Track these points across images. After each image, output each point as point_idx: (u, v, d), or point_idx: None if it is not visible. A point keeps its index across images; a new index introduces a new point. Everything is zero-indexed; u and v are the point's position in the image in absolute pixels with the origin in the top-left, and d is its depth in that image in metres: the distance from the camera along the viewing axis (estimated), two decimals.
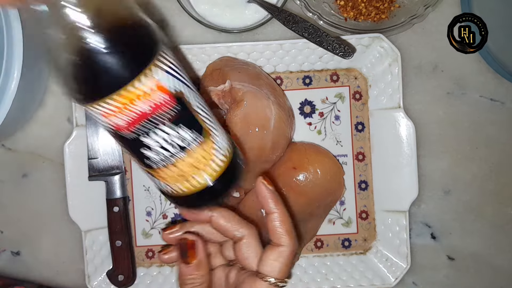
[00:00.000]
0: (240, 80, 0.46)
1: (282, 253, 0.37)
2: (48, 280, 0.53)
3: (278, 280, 0.36)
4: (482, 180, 0.54)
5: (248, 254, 0.38)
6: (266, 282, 0.36)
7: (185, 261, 0.38)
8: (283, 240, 0.37)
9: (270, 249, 0.37)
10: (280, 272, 0.36)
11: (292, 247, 0.37)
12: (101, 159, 0.50)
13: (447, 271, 0.54)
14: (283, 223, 0.38)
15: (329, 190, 0.50)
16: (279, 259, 0.37)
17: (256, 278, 0.36)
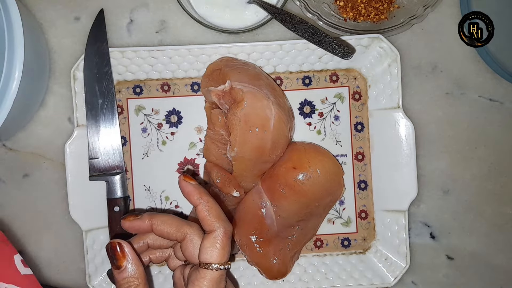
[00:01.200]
0: (240, 80, 0.46)
1: (216, 237, 0.38)
2: (49, 279, 0.53)
3: (220, 264, 0.38)
4: (481, 180, 0.54)
5: (193, 251, 0.40)
6: (208, 269, 0.37)
7: (116, 266, 0.39)
8: (214, 225, 0.39)
9: (205, 238, 0.39)
10: (218, 256, 0.38)
11: (223, 229, 0.39)
12: (102, 159, 0.51)
13: (446, 271, 0.54)
14: (210, 210, 0.39)
15: (329, 190, 0.50)
16: (215, 244, 0.38)
17: (199, 269, 0.38)
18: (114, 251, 0.39)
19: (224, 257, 0.38)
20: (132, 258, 0.39)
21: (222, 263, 0.38)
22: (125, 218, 0.42)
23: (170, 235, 0.40)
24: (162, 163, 0.52)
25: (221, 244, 0.38)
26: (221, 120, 0.48)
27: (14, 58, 0.44)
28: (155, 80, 0.52)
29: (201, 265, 0.38)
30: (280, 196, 0.48)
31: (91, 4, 0.52)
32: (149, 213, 0.42)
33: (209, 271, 0.37)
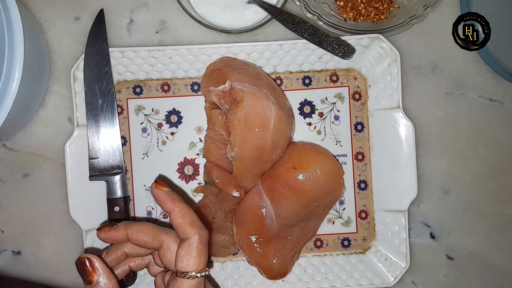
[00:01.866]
0: (240, 80, 0.46)
1: (191, 245, 0.37)
2: (48, 279, 0.53)
3: (197, 272, 0.37)
4: (481, 180, 0.54)
5: (171, 258, 0.39)
6: (185, 278, 0.37)
7: (87, 281, 0.38)
8: (188, 232, 0.38)
9: (181, 246, 0.38)
10: (195, 264, 0.37)
11: (198, 236, 0.38)
12: (102, 159, 0.51)
13: (446, 271, 0.54)
14: (184, 217, 0.38)
15: (329, 190, 0.50)
16: (190, 252, 0.37)
17: (176, 278, 0.37)
18: (84, 267, 0.38)
19: (201, 264, 0.38)
20: (103, 272, 0.38)
21: (198, 271, 0.37)
22: (100, 229, 0.41)
23: (146, 244, 0.39)
24: (162, 163, 0.52)
25: (196, 251, 0.37)
26: (221, 120, 0.48)
27: (14, 58, 0.44)
28: (155, 80, 0.52)
29: (178, 273, 0.37)
30: (280, 196, 0.48)
31: (91, 4, 0.52)
32: (125, 222, 0.41)
33: (186, 280, 0.37)
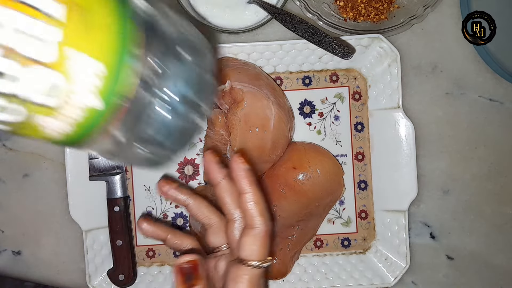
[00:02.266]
0: (240, 80, 0.46)
1: (257, 235, 0.36)
2: (48, 279, 0.53)
3: (260, 262, 0.36)
4: (481, 180, 0.54)
5: (235, 237, 0.38)
6: (249, 266, 0.36)
7: (189, 285, 0.36)
8: (257, 221, 0.36)
9: (246, 233, 0.37)
10: (259, 254, 0.36)
11: (265, 227, 0.37)
12: (102, 159, 0.51)
13: (446, 271, 0.54)
14: (257, 204, 0.37)
15: (329, 190, 0.50)
16: (256, 242, 0.36)
17: (238, 265, 0.36)
18: (195, 272, 0.36)
19: (264, 255, 0.37)
20: (205, 276, 0.37)
21: (262, 261, 0.36)
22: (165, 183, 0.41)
23: (227, 206, 0.38)
24: None
25: (261, 242, 0.36)
26: (221, 120, 0.48)
27: None
28: None
29: (241, 261, 0.36)
30: (280, 196, 0.48)
31: None
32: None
33: (250, 269, 0.36)
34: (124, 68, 0.22)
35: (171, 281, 0.52)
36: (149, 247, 0.53)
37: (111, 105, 0.22)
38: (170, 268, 0.52)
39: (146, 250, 0.53)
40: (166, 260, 0.53)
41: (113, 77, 0.21)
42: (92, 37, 0.21)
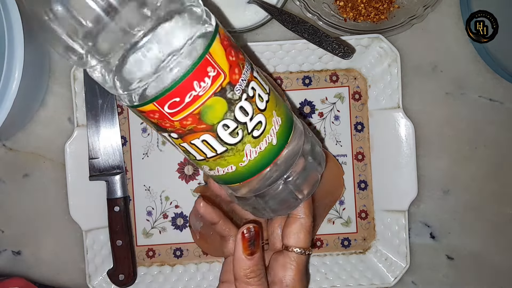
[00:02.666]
0: None
1: (303, 224, 0.39)
2: (48, 279, 0.53)
3: (306, 249, 0.39)
4: (481, 180, 0.54)
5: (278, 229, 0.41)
6: (296, 253, 0.39)
7: (251, 252, 0.37)
8: (302, 211, 0.39)
9: (292, 223, 0.39)
10: (304, 242, 0.39)
11: (311, 217, 0.40)
12: (102, 159, 0.51)
13: (446, 271, 0.54)
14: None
15: (329, 190, 0.50)
16: (301, 230, 0.39)
17: (286, 252, 0.39)
18: (257, 238, 0.38)
19: (309, 243, 0.40)
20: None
21: (307, 248, 0.39)
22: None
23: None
24: (162, 163, 0.52)
25: (307, 231, 0.39)
26: None
27: (14, 58, 0.43)
28: None
29: (288, 248, 0.39)
30: None
31: None
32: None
33: (297, 255, 0.38)
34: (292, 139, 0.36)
35: (171, 281, 0.52)
36: (149, 247, 0.53)
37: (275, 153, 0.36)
38: (170, 268, 0.52)
39: (146, 250, 0.53)
40: (166, 260, 0.53)
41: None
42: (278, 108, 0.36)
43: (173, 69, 0.30)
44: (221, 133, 0.33)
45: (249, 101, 0.33)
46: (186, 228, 0.53)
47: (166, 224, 0.53)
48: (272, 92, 0.36)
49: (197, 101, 0.31)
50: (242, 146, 0.34)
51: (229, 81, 0.32)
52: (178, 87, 0.30)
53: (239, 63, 0.33)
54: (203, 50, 0.31)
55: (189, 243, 0.52)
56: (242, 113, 0.33)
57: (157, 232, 0.53)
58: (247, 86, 0.33)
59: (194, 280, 0.52)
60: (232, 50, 0.33)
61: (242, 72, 0.33)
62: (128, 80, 0.30)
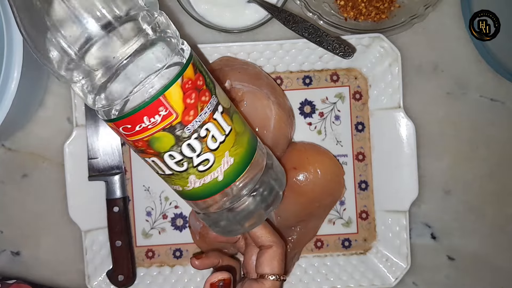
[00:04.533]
0: (240, 80, 0.46)
1: (275, 252, 0.41)
2: (48, 280, 0.53)
3: (280, 275, 0.40)
4: (482, 180, 0.54)
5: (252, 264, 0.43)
6: (270, 280, 0.40)
7: None
8: (271, 240, 0.41)
9: (264, 252, 0.41)
10: (278, 269, 0.40)
11: (280, 244, 0.41)
12: (101, 159, 0.50)
13: (447, 271, 0.54)
14: (266, 228, 0.42)
15: (329, 190, 0.50)
16: (275, 257, 0.40)
17: (260, 279, 0.40)
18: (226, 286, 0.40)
19: (282, 269, 0.41)
20: None
21: (281, 275, 0.41)
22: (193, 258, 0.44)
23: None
24: None
25: (280, 258, 0.41)
26: None
27: (13, 57, 0.43)
28: None
29: (262, 276, 0.40)
30: None
31: None
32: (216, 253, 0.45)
33: (271, 281, 0.40)
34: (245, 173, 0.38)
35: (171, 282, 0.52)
36: (149, 248, 0.52)
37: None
38: (169, 269, 0.52)
39: (146, 251, 0.52)
40: (165, 261, 0.52)
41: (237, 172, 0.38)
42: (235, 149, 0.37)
43: (130, 101, 0.33)
44: (167, 161, 0.36)
45: (199, 140, 0.35)
46: (186, 229, 0.52)
47: (166, 225, 0.53)
48: (233, 133, 0.37)
49: (146, 132, 0.34)
50: (187, 175, 0.37)
51: (180, 121, 0.34)
52: (131, 117, 0.33)
53: (198, 105, 0.35)
54: (157, 92, 0.33)
55: (189, 243, 0.52)
56: (189, 149, 0.35)
57: (157, 233, 0.53)
58: (200, 127, 0.35)
59: (193, 281, 0.52)
60: (193, 93, 0.34)
61: (199, 114, 0.35)
62: (98, 100, 0.34)
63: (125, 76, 0.32)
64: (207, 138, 0.35)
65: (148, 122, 0.33)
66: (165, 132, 0.34)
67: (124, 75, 0.32)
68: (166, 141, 0.35)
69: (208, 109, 0.35)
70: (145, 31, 0.33)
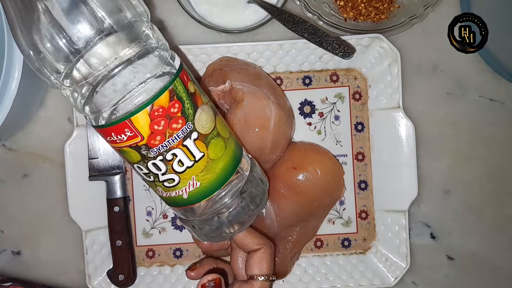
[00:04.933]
0: (240, 80, 0.46)
1: (264, 253, 0.41)
2: (48, 279, 0.53)
3: (269, 276, 0.41)
4: (481, 180, 0.54)
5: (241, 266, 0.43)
6: (260, 280, 0.40)
7: None
8: (259, 243, 0.41)
9: (253, 256, 0.41)
10: (267, 270, 0.41)
11: (269, 245, 0.42)
12: (102, 159, 0.50)
13: (446, 271, 0.54)
14: (252, 233, 0.42)
15: (329, 190, 0.50)
16: (263, 259, 0.41)
17: (250, 281, 0.40)
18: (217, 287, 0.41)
19: (271, 270, 0.41)
20: None
21: (270, 275, 0.41)
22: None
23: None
24: None
25: (268, 260, 0.41)
26: None
27: (13, 57, 0.43)
28: None
29: (251, 278, 0.41)
30: (280, 196, 0.48)
31: None
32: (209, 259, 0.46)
33: (260, 281, 0.40)
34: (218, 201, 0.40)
35: (171, 281, 0.52)
36: (149, 247, 0.53)
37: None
38: (169, 269, 0.52)
39: (146, 250, 0.53)
40: (165, 261, 0.53)
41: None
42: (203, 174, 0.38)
43: (102, 118, 0.36)
44: (138, 170, 0.38)
45: (164, 162, 0.36)
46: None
47: (166, 224, 0.53)
48: (205, 159, 0.37)
49: (115, 144, 0.36)
50: (155, 186, 0.39)
51: (146, 143, 0.35)
52: (102, 129, 0.36)
53: (167, 132, 0.35)
54: (123, 116, 0.34)
55: (189, 243, 0.52)
56: (154, 167, 0.37)
57: (157, 232, 0.53)
58: (166, 152, 0.36)
59: (194, 281, 0.52)
60: (163, 121, 0.35)
61: (166, 140, 0.35)
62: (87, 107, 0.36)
63: (102, 94, 0.34)
64: (173, 162, 0.36)
65: (115, 137, 0.36)
66: (131, 149, 0.36)
67: (102, 92, 0.34)
68: (134, 156, 0.37)
69: (178, 136, 0.36)
70: (130, 49, 0.34)
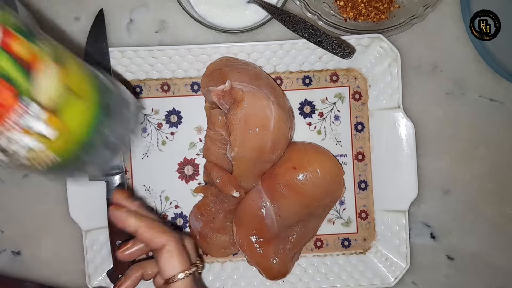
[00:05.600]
0: (240, 80, 0.46)
1: (169, 250, 0.38)
2: (48, 279, 0.53)
3: (186, 270, 0.38)
4: (481, 180, 0.54)
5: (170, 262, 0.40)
6: (177, 281, 0.37)
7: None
8: (161, 240, 0.38)
9: (159, 256, 0.39)
10: (179, 264, 0.38)
11: (173, 239, 0.39)
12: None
13: (446, 271, 0.54)
14: (152, 228, 0.39)
15: (329, 190, 0.50)
16: (171, 255, 0.38)
17: (169, 285, 0.38)
18: None
19: (186, 263, 0.38)
20: None
21: (185, 270, 0.38)
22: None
23: (149, 242, 0.40)
24: (162, 163, 0.52)
25: (177, 253, 0.38)
26: (221, 120, 0.48)
27: None
28: (154, 80, 0.51)
29: (168, 282, 0.38)
30: (280, 196, 0.48)
31: (91, 4, 0.52)
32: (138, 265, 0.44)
33: (179, 282, 0.37)
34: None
35: None
36: None
37: None
38: None
39: None
40: None
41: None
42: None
43: None
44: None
45: None
46: (186, 228, 0.53)
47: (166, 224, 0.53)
48: None
49: None
50: None
51: None
52: None
53: None
54: None
55: None
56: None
57: None
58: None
59: None
60: None
61: None
62: None
63: None
64: None
65: None
66: None
67: None
68: None
69: None
70: None
